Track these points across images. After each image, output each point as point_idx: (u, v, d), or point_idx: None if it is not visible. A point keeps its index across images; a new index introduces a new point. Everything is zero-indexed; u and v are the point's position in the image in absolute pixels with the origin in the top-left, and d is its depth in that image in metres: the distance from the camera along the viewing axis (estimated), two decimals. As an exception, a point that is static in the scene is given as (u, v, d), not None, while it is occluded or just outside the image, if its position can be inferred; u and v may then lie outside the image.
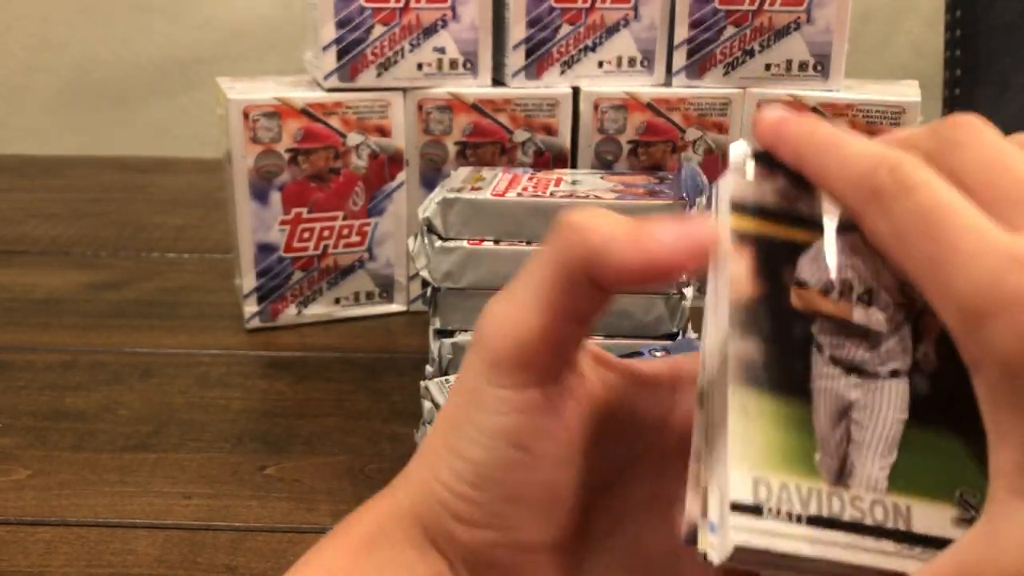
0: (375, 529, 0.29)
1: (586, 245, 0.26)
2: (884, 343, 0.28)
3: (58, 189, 1.14)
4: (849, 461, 0.27)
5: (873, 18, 1.56)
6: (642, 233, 0.26)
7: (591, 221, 0.26)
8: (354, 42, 0.70)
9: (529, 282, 0.27)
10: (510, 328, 0.27)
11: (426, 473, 0.28)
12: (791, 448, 0.26)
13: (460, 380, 0.29)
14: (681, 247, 0.26)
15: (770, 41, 0.73)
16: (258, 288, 0.73)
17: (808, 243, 0.29)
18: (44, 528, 0.50)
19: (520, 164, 0.74)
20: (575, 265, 0.26)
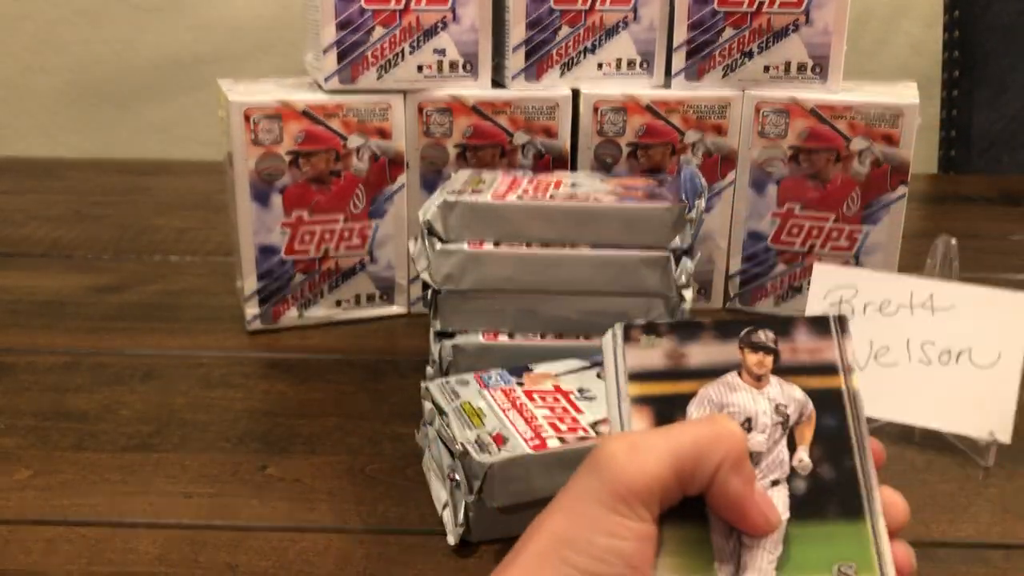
0: None
1: (734, 445, 0.34)
2: (764, 460, 0.36)
3: (60, 191, 1.14)
4: (743, 562, 0.35)
5: (871, 19, 1.56)
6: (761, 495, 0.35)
7: (741, 433, 0.35)
8: (354, 44, 0.71)
9: (665, 443, 0.34)
10: (643, 472, 0.33)
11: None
12: (694, 562, 0.34)
13: (570, 503, 0.34)
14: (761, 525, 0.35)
15: (769, 43, 0.73)
16: (259, 290, 0.74)
17: (693, 392, 0.37)
18: (46, 527, 0.50)
19: (520, 167, 0.75)
20: (712, 450, 0.34)
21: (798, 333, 0.38)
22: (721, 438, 0.34)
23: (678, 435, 0.34)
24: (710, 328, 0.38)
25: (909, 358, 0.57)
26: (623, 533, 0.33)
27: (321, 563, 0.48)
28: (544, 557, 0.33)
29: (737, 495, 0.34)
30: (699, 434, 0.34)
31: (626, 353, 0.37)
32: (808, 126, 0.73)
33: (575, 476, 0.34)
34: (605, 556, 0.33)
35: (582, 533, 0.33)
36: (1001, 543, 0.50)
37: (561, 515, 0.34)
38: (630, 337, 0.37)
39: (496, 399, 0.52)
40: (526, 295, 0.60)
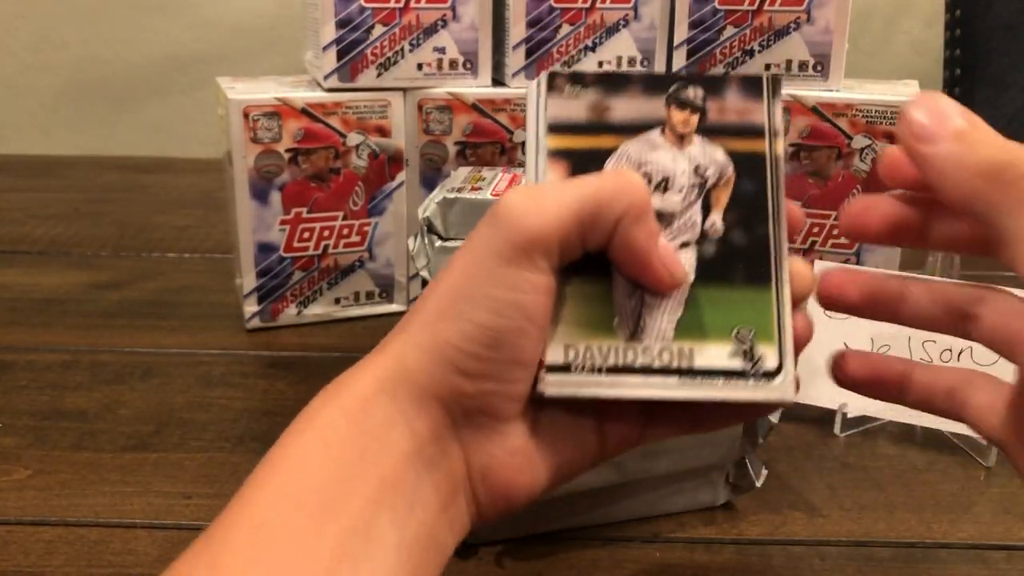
0: (373, 389, 0.33)
1: (636, 198, 0.33)
2: (676, 221, 0.36)
3: (59, 189, 1.14)
4: (642, 321, 0.35)
5: (873, 18, 1.56)
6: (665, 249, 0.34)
7: (643, 187, 0.34)
8: (354, 42, 0.71)
9: (565, 192, 0.33)
10: (541, 221, 0.32)
11: (433, 336, 0.33)
12: (594, 318, 0.34)
13: (468, 256, 0.33)
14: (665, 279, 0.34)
15: (770, 41, 0.73)
16: (258, 288, 0.73)
17: (615, 147, 0.36)
18: (45, 528, 0.50)
19: (520, 164, 0.74)
20: (614, 201, 0.33)
21: (729, 92, 0.36)
22: (624, 190, 0.33)
23: (579, 185, 0.33)
24: (638, 82, 0.36)
25: (910, 356, 0.57)
26: (522, 286, 0.32)
27: (320, 563, 0.47)
28: (442, 312, 0.33)
29: (640, 247, 0.34)
30: (601, 185, 0.33)
31: (548, 103, 0.36)
32: (809, 123, 0.72)
33: (475, 230, 0.34)
34: (503, 309, 0.32)
35: (479, 286, 0.33)
36: (1003, 544, 0.50)
37: (459, 269, 0.33)
38: (554, 86, 0.36)
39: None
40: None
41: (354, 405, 0.33)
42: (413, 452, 0.32)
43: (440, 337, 0.33)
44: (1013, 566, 0.48)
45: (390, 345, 0.34)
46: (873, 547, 0.49)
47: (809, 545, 0.50)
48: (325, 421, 0.33)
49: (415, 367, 0.33)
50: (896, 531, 0.51)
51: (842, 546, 0.49)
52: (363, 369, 0.34)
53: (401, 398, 0.33)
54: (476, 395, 0.33)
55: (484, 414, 0.34)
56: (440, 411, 0.33)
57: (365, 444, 0.32)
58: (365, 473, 0.31)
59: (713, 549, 0.49)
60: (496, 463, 0.34)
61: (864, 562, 0.48)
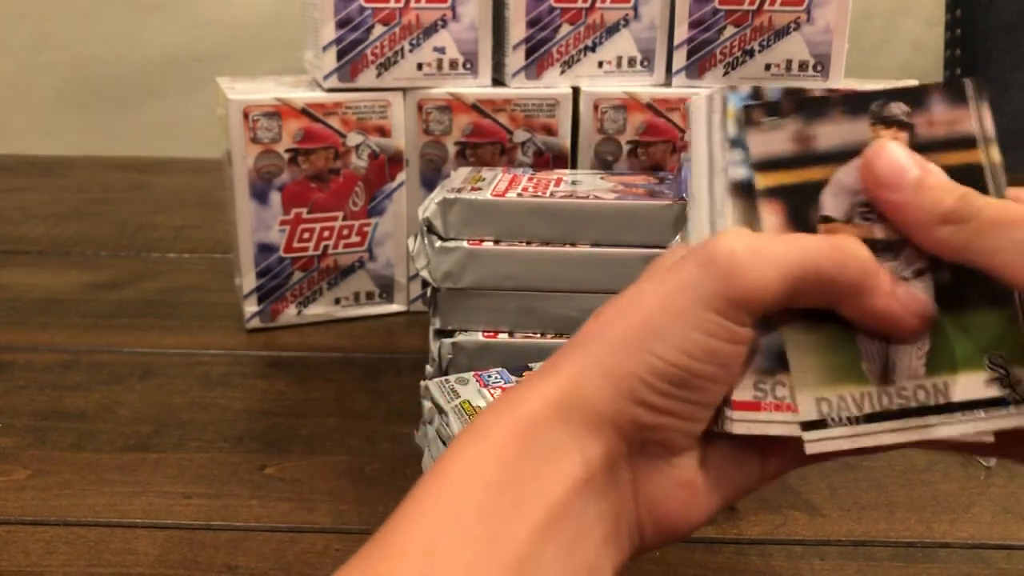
0: (546, 412, 0.32)
1: (860, 275, 0.32)
2: (905, 248, 0.33)
3: (58, 189, 1.14)
4: (891, 361, 0.33)
5: (873, 17, 1.56)
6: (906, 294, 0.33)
7: (870, 259, 0.32)
8: (354, 42, 0.71)
9: (790, 253, 0.32)
10: (761, 281, 0.31)
11: (618, 364, 0.32)
12: (841, 365, 0.33)
13: (670, 291, 0.32)
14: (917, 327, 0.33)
15: (770, 41, 0.73)
16: (258, 288, 0.73)
17: (826, 179, 0.33)
18: (44, 528, 0.50)
19: (520, 164, 0.74)
20: (834, 283, 0.32)
21: (933, 103, 0.34)
22: (846, 266, 0.32)
23: (802, 250, 0.32)
24: (837, 103, 0.34)
25: (911, 357, 0.57)
26: (722, 334, 0.32)
27: (320, 564, 0.48)
28: (629, 343, 0.32)
29: (880, 314, 0.32)
30: (823, 255, 0.32)
31: (749, 139, 0.33)
32: (809, 124, 0.72)
33: (679, 265, 0.33)
34: (698, 353, 0.32)
35: (677, 326, 0.32)
36: (1003, 544, 0.50)
37: (655, 302, 0.32)
38: (751, 119, 0.33)
39: (496, 398, 0.51)
40: (526, 293, 0.60)
41: (525, 426, 0.32)
42: (584, 480, 0.32)
43: (626, 367, 0.32)
44: (1013, 566, 0.48)
45: (564, 365, 0.33)
46: (873, 547, 0.49)
47: (809, 545, 0.50)
48: (496, 439, 0.32)
49: (594, 394, 0.32)
50: (896, 531, 0.51)
51: (842, 546, 0.49)
52: (534, 388, 0.33)
53: (576, 423, 0.32)
54: (656, 427, 0.33)
55: (660, 445, 0.33)
56: (616, 438, 0.32)
57: (535, 469, 0.31)
58: (534, 500, 0.31)
59: (713, 548, 0.49)
60: (664, 495, 0.34)
61: (864, 562, 0.48)
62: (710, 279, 0.32)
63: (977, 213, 0.31)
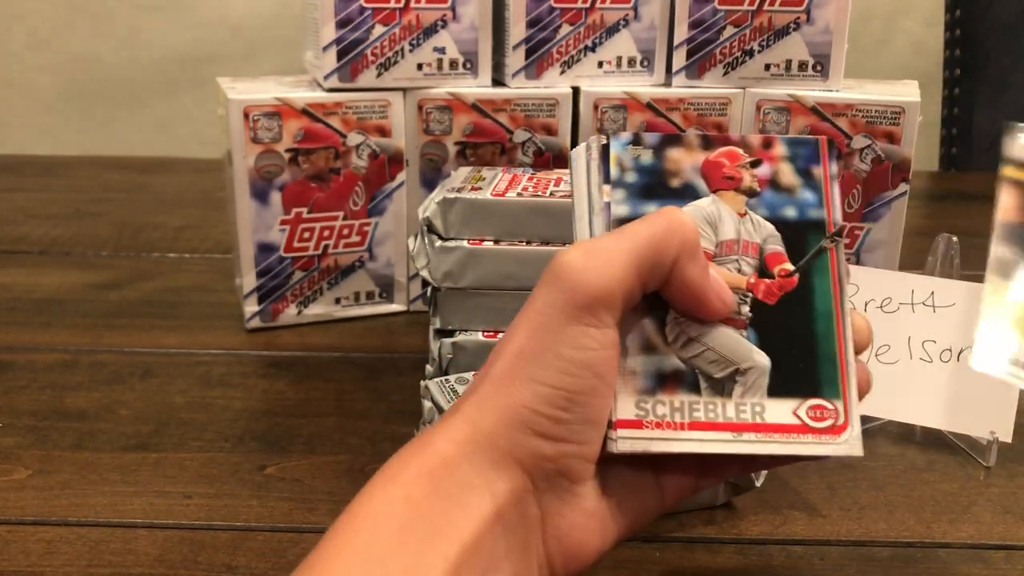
0: (452, 452, 0.33)
1: (687, 236, 0.34)
2: None
3: (58, 189, 1.14)
4: None
5: (872, 18, 1.56)
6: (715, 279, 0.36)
7: (692, 223, 0.35)
8: (354, 42, 0.71)
9: (621, 244, 0.34)
10: (603, 277, 0.33)
11: (507, 399, 0.33)
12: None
13: (533, 318, 0.34)
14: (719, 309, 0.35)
15: (770, 41, 0.73)
16: (258, 288, 0.73)
17: None
18: (45, 528, 0.50)
19: (520, 164, 0.75)
20: (668, 244, 0.34)
21: None
22: (675, 230, 0.34)
23: (632, 235, 0.34)
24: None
25: (910, 356, 0.57)
26: (589, 344, 0.33)
27: (320, 563, 0.48)
28: (512, 376, 0.33)
29: (695, 282, 0.35)
30: (654, 230, 0.34)
31: (1011, 144, 0.40)
32: (809, 124, 0.72)
33: (534, 291, 0.34)
34: (574, 369, 0.33)
35: (547, 348, 0.33)
36: (1002, 544, 0.50)
37: (524, 332, 0.34)
38: (1016, 131, 0.41)
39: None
40: (526, 293, 0.60)
41: (435, 466, 0.33)
42: (493, 516, 0.32)
43: (515, 400, 0.33)
44: (1013, 566, 0.48)
45: (463, 409, 0.34)
46: (873, 547, 0.49)
47: (809, 545, 0.50)
48: (405, 480, 0.32)
49: (492, 430, 0.33)
50: (896, 531, 0.51)
51: (842, 546, 0.49)
52: (439, 432, 0.34)
53: (480, 461, 0.33)
54: (556, 457, 0.33)
55: (563, 476, 0.34)
56: (520, 474, 0.33)
57: (445, 507, 0.32)
58: (446, 536, 0.31)
59: (713, 549, 0.49)
60: (571, 525, 0.34)
61: (864, 562, 0.48)
62: (559, 294, 0.33)
63: None
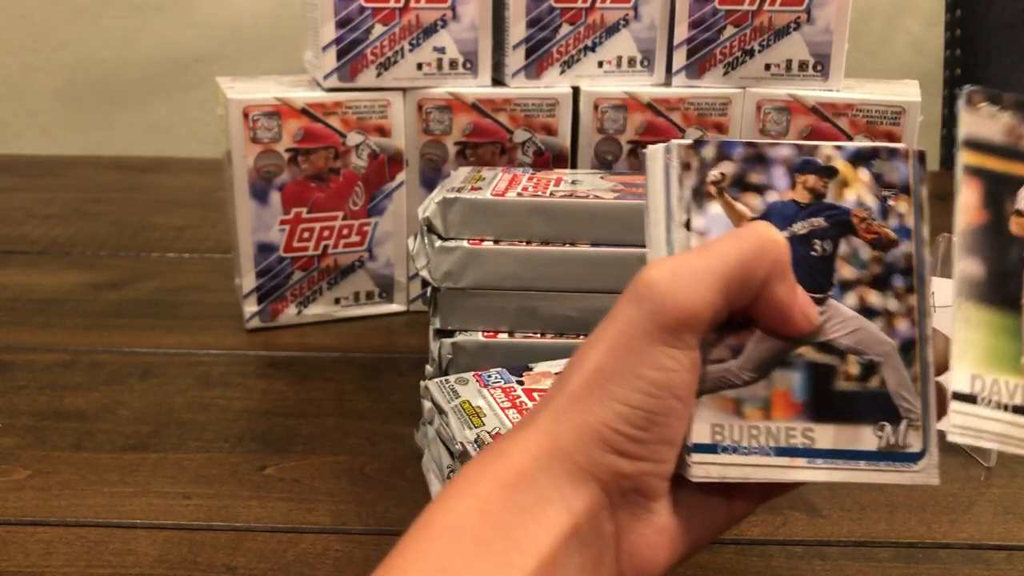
0: (529, 465, 0.32)
1: (779, 256, 0.33)
2: None
3: (58, 189, 1.14)
4: None
5: (873, 17, 1.56)
6: (802, 295, 0.35)
7: (783, 241, 0.34)
8: (354, 42, 0.70)
9: (710, 261, 0.33)
10: (690, 299, 0.32)
11: (586, 416, 0.33)
12: (1002, 352, 0.34)
13: (614, 335, 0.33)
14: (804, 326, 0.34)
15: (770, 41, 0.73)
16: (258, 288, 0.73)
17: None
18: (44, 528, 0.50)
19: (520, 164, 0.74)
20: (758, 264, 0.33)
21: None
22: (766, 248, 0.33)
23: (721, 255, 0.33)
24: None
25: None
26: (671, 365, 0.32)
27: (320, 565, 0.47)
28: (591, 393, 0.33)
29: (784, 302, 0.34)
30: (743, 250, 0.33)
31: (963, 118, 0.35)
32: (809, 123, 0.72)
33: (615, 308, 0.33)
34: (654, 390, 0.32)
35: (629, 368, 0.32)
36: (1003, 544, 0.50)
37: (604, 350, 0.33)
38: (971, 102, 0.35)
39: (496, 398, 0.51)
40: (526, 293, 0.60)
41: (511, 478, 0.32)
42: (570, 531, 0.32)
43: (594, 417, 0.32)
44: (1013, 566, 0.48)
45: (539, 421, 0.34)
46: (873, 547, 0.49)
47: (809, 545, 0.49)
48: (481, 492, 0.32)
49: (571, 446, 0.33)
50: (896, 531, 0.51)
51: (842, 546, 0.49)
52: (514, 442, 0.33)
53: (557, 475, 0.32)
54: (634, 475, 0.33)
55: (639, 493, 0.33)
56: (598, 490, 0.33)
57: (522, 521, 0.31)
58: (524, 550, 0.31)
59: (713, 549, 0.49)
60: (643, 542, 0.34)
61: (864, 562, 0.48)
62: (643, 314, 0.32)
63: None
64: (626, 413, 0.32)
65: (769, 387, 0.35)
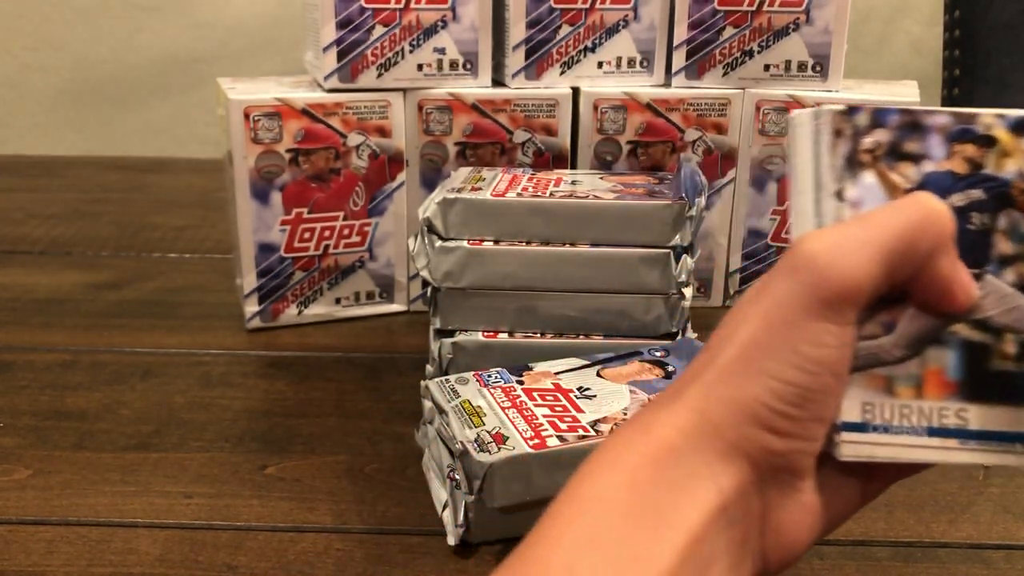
0: (678, 440, 0.31)
1: (944, 228, 0.32)
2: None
3: (58, 189, 1.14)
4: None
5: (872, 18, 1.56)
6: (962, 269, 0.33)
7: (948, 213, 0.32)
8: (354, 43, 0.71)
9: (872, 233, 0.31)
10: (851, 272, 0.31)
11: (738, 392, 0.32)
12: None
13: (770, 308, 0.32)
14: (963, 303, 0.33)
15: (769, 41, 0.73)
16: (259, 288, 0.73)
17: None
18: (45, 528, 0.50)
19: (520, 164, 0.75)
20: (923, 238, 0.31)
21: None
22: (931, 220, 0.31)
23: (883, 226, 0.31)
24: None
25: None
26: (830, 341, 0.31)
27: (321, 564, 0.48)
28: (744, 367, 0.32)
29: (946, 277, 0.32)
30: (907, 222, 0.31)
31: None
32: (808, 125, 0.72)
33: (769, 280, 0.32)
34: (810, 366, 0.31)
35: (784, 342, 0.31)
36: (1002, 543, 0.50)
37: (758, 323, 0.32)
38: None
39: (496, 398, 0.52)
40: (526, 293, 0.60)
41: (660, 453, 0.31)
42: (719, 508, 0.31)
43: (746, 393, 0.31)
44: (1012, 566, 0.48)
45: (687, 394, 0.33)
46: (872, 546, 0.49)
47: (808, 545, 0.50)
48: (629, 465, 0.31)
49: (721, 422, 0.32)
50: (895, 530, 0.51)
51: (841, 545, 0.50)
52: (662, 415, 0.33)
53: (707, 451, 0.31)
54: (785, 452, 0.32)
55: (788, 471, 0.33)
56: (748, 467, 0.32)
57: (672, 497, 0.31)
58: (674, 526, 0.30)
59: (713, 549, 0.49)
60: (789, 519, 0.33)
61: (863, 561, 0.48)
62: (801, 287, 0.31)
63: None
64: (780, 390, 0.31)
65: (922, 365, 0.34)
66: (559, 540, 0.30)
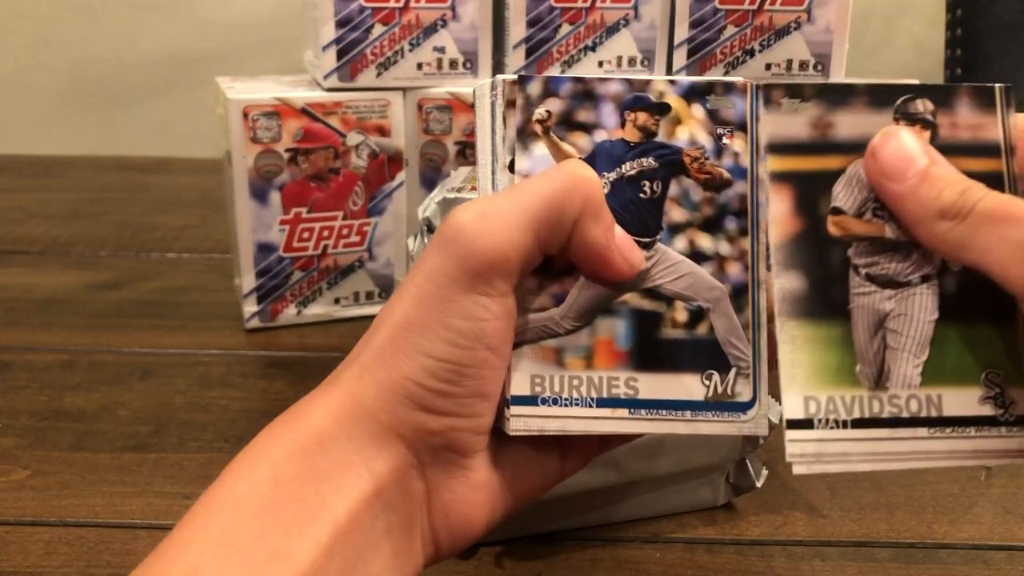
0: (328, 426, 0.31)
1: (590, 194, 0.31)
2: (915, 252, 0.32)
3: (58, 189, 1.14)
4: (886, 367, 0.32)
5: (873, 17, 1.56)
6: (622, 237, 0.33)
7: (596, 179, 0.32)
8: (354, 42, 0.70)
9: (520, 203, 0.31)
10: (498, 242, 0.30)
11: (390, 372, 0.31)
12: (834, 365, 0.32)
13: (421, 284, 0.31)
14: (625, 271, 0.32)
15: (770, 41, 0.73)
16: (258, 288, 0.73)
17: (842, 168, 0.33)
18: (44, 528, 0.50)
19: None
20: (569, 204, 0.31)
21: (959, 105, 0.33)
22: (576, 187, 0.31)
23: (530, 194, 0.31)
24: (861, 94, 0.33)
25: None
26: (481, 314, 0.30)
27: (320, 564, 0.47)
28: (396, 347, 0.31)
29: (599, 244, 0.32)
30: (553, 189, 0.31)
31: (764, 119, 0.33)
32: (809, 124, 0.72)
33: (423, 256, 0.32)
34: (463, 340, 0.30)
35: (436, 317, 0.30)
36: (1003, 544, 0.50)
37: (411, 300, 0.31)
38: (770, 100, 0.33)
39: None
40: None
41: (308, 442, 0.31)
42: (372, 496, 0.30)
43: (398, 372, 0.31)
44: (1014, 567, 0.48)
45: (342, 378, 0.32)
46: (874, 548, 0.49)
47: (809, 545, 0.49)
48: (274, 459, 0.30)
49: (374, 404, 0.31)
50: (897, 531, 0.51)
51: (843, 546, 0.49)
52: (316, 403, 0.32)
53: (359, 437, 0.31)
54: (442, 432, 0.31)
55: (450, 450, 0.32)
56: (404, 450, 0.31)
57: (317, 487, 0.30)
58: (318, 517, 0.29)
59: (713, 549, 0.49)
60: (458, 499, 0.32)
61: (865, 562, 0.48)
62: (450, 259, 0.31)
63: (973, 207, 0.30)
64: (432, 366, 0.30)
65: (592, 336, 0.33)
66: (188, 544, 0.29)
